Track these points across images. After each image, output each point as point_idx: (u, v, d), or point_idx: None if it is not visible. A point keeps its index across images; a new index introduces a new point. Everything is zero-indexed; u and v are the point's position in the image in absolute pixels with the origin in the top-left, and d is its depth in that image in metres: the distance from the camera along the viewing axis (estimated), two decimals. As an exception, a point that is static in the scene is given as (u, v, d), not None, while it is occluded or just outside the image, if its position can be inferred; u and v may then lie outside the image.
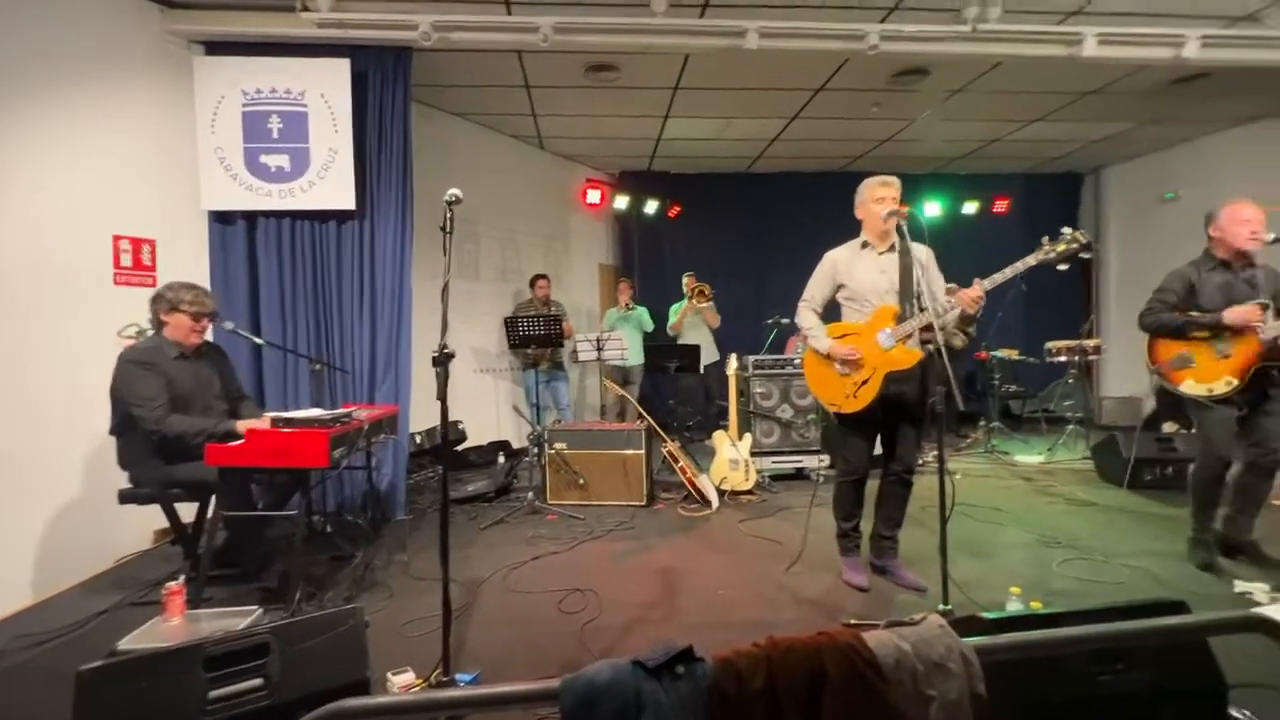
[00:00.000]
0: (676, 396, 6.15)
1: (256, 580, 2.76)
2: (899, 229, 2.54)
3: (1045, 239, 2.44)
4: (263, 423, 2.58)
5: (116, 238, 3.49)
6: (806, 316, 2.79)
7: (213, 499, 2.71)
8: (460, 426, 5.34)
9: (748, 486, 4.31)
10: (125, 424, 2.71)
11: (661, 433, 4.31)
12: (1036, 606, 2.23)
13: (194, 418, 2.70)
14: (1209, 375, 2.76)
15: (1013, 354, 5.89)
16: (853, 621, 2.36)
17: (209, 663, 1.47)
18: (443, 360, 1.79)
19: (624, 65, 4.53)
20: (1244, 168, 6.01)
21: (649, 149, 6.61)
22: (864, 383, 2.59)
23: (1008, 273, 2.43)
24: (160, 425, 2.60)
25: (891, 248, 2.70)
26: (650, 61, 4.45)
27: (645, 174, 7.37)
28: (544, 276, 5.75)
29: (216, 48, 3.78)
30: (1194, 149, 6.64)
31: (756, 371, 4.76)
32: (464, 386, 5.58)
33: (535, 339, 4.98)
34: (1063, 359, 5.57)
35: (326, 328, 3.89)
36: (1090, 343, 5.50)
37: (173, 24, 3.68)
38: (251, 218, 3.81)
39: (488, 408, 5.90)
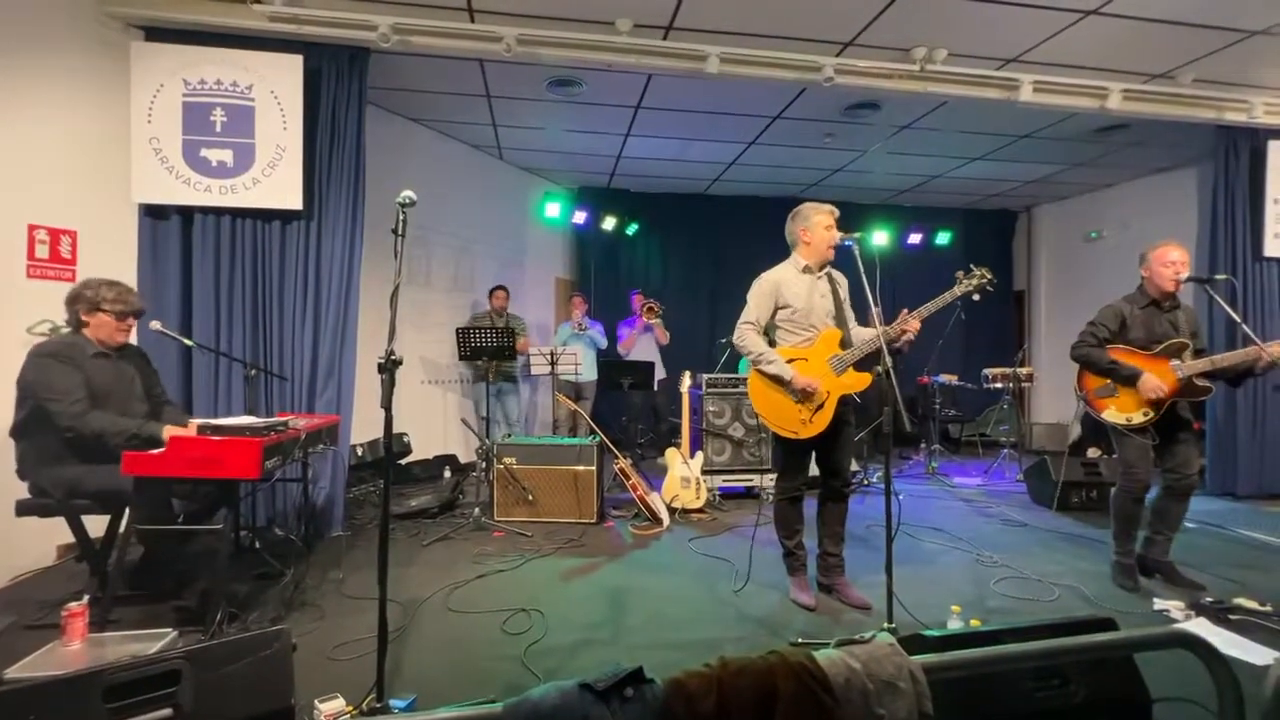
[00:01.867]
0: (627, 414, 6.12)
1: (175, 598, 2.55)
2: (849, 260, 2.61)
3: (960, 273, 2.64)
4: (189, 429, 2.40)
5: (32, 227, 3.24)
6: (754, 340, 2.76)
7: (126, 511, 2.50)
8: (405, 439, 5.16)
9: (699, 504, 4.31)
10: (30, 423, 2.48)
11: (613, 449, 4.26)
12: (976, 624, 2.29)
13: (116, 416, 2.50)
14: (1128, 406, 2.93)
15: (952, 379, 6.13)
16: (800, 641, 2.37)
17: (109, 692, 1.33)
18: (390, 367, 1.72)
19: (587, 80, 4.55)
20: (1157, 211, 6.53)
21: (609, 165, 6.64)
22: (818, 408, 2.63)
23: (932, 306, 2.61)
24: (77, 421, 2.40)
25: (825, 274, 2.78)
26: (613, 79, 4.49)
27: (605, 190, 7.40)
28: (502, 288, 5.67)
29: (157, 34, 3.59)
30: (1116, 193, 7.16)
31: (709, 390, 4.79)
32: (411, 398, 5.40)
33: (487, 351, 4.88)
34: (998, 385, 5.84)
35: (265, 332, 3.70)
36: (1024, 370, 5.79)
37: (109, 5, 3.48)
38: (188, 213, 3.61)
39: (434, 420, 5.73)
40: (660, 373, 6.13)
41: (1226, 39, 3.91)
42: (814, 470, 2.85)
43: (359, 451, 4.67)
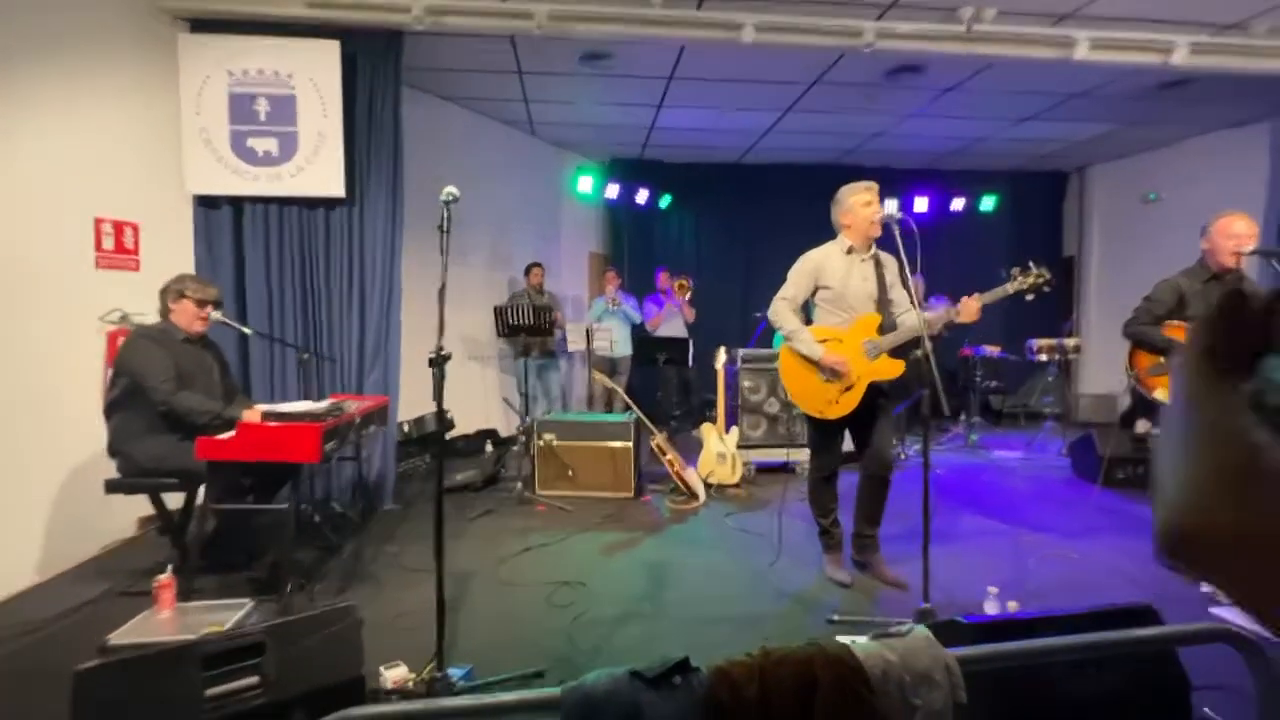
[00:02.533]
0: (661, 388, 6.18)
1: (247, 569, 2.76)
2: (886, 235, 2.58)
3: (1016, 270, 2.54)
4: (256, 414, 2.57)
5: (99, 220, 3.41)
6: (788, 317, 2.76)
7: (202, 488, 2.70)
8: (448, 416, 5.33)
9: (734, 480, 4.37)
10: (123, 400, 2.69)
11: (650, 425, 4.34)
12: (1014, 607, 2.31)
13: (203, 396, 2.71)
14: (1184, 382, 2.84)
15: (995, 350, 5.99)
16: (837, 618, 2.43)
17: (206, 661, 1.48)
18: (439, 362, 1.80)
19: (618, 54, 4.49)
20: (1225, 172, 6.13)
21: (641, 137, 6.56)
22: (847, 389, 2.63)
23: (996, 294, 2.54)
24: (171, 398, 2.61)
25: (872, 255, 2.74)
26: (645, 51, 4.41)
27: (637, 162, 7.33)
28: (538, 265, 5.73)
29: (202, 25, 3.68)
30: (1177, 151, 6.74)
31: (744, 365, 4.80)
32: (452, 374, 5.42)
33: (524, 328, 4.98)
34: (1044, 358, 5.68)
35: (314, 316, 3.85)
36: (1070, 341, 5.62)
37: None
38: (238, 203, 3.74)
39: (475, 396, 5.89)
40: (691, 346, 6.15)
41: (1308, -16, 3.62)
42: (849, 446, 2.86)
43: (404, 428, 4.85)
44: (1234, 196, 5.86)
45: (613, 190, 7.16)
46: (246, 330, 3.36)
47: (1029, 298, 2.52)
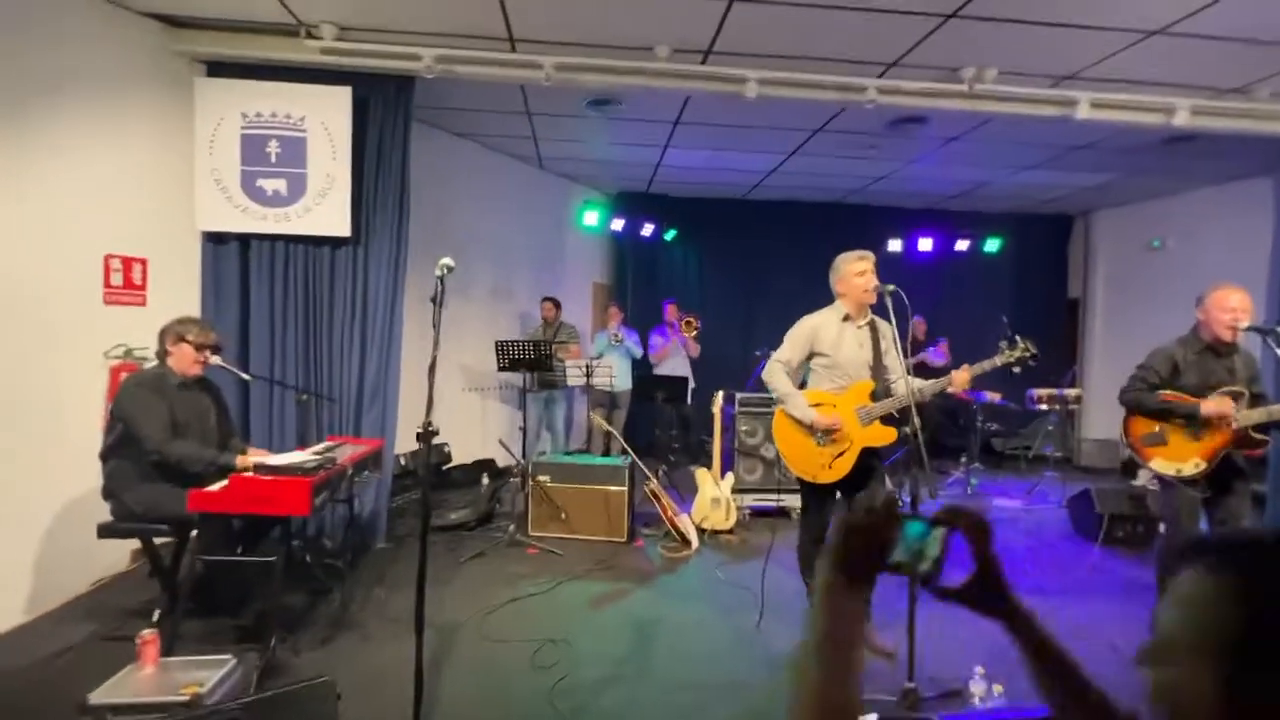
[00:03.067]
0: (659, 424, 6.18)
1: (234, 616, 2.77)
2: (880, 303, 2.61)
3: (1004, 343, 2.68)
4: (248, 464, 2.59)
5: (108, 256, 3.48)
6: (781, 380, 2.79)
7: (193, 533, 2.72)
8: (445, 449, 5.35)
9: (728, 526, 4.36)
10: (119, 446, 2.72)
11: (645, 469, 4.34)
12: (999, 690, 2.28)
13: (196, 444, 2.74)
14: (1179, 455, 2.83)
15: (996, 396, 5.97)
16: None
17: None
18: (427, 438, 1.81)
19: (626, 99, 4.57)
20: (1230, 222, 6.14)
21: (648, 173, 6.64)
22: (840, 454, 2.64)
23: (984, 366, 2.64)
24: (163, 447, 2.64)
25: (868, 322, 2.77)
26: (652, 97, 4.49)
27: (644, 195, 7.41)
28: (550, 299, 5.79)
29: (219, 69, 3.78)
30: (1181, 201, 6.76)
31: (741, 409, 4.80)
32: (451, 405, 5.59)
33: (524, 363, 5.01)
34: (1044, 407, 5.66)
35: (316, 351, 3.89)
36: (1071, 392, 5.60)
37: (175, 43, 3.67)
38: (245, 240, 3.81)
39: (474, 427, 5.92)
40: (691, 384, 6.16)
41: (1308, 54, 3.64)
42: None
43: (402, 461, 4.87)
44: (1239, 247, 5.88)
45: (618, 223, 7.23)
46: (246, 376, 3.39)
47: (1015, 370, 2.54)
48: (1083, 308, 7.96)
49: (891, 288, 2.49)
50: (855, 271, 2.70)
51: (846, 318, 2.77)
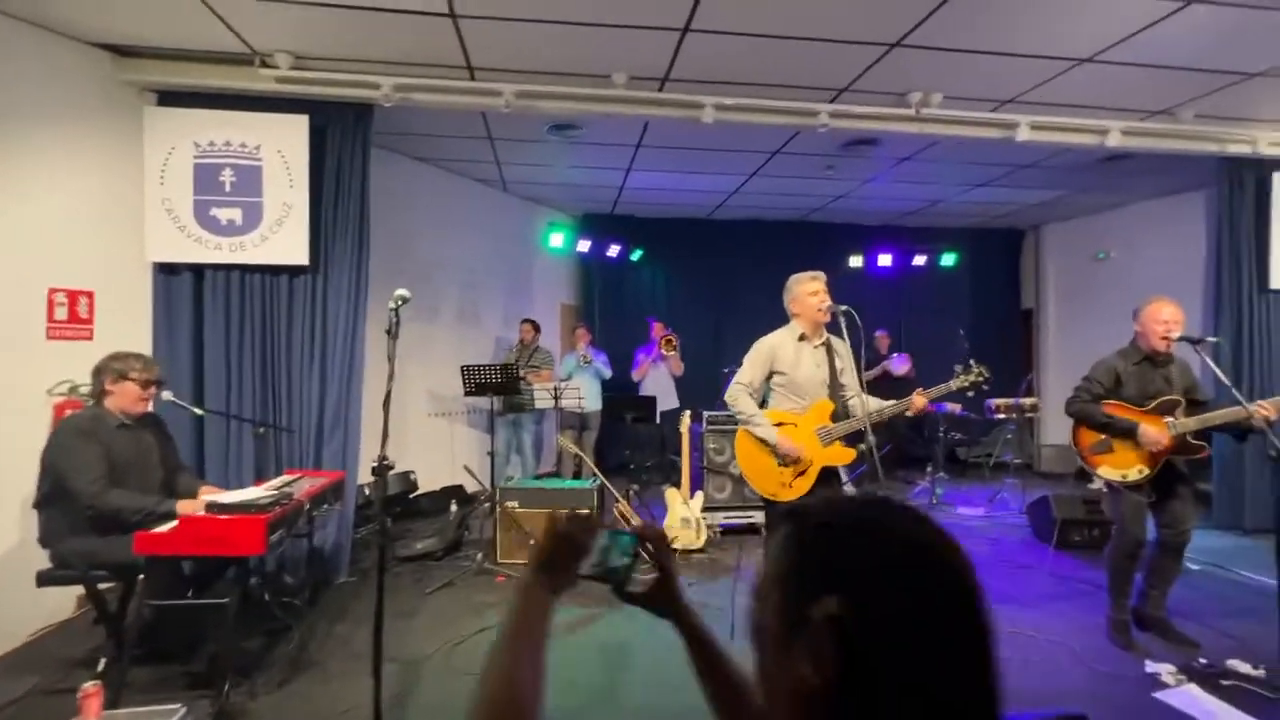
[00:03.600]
0: (632, 443, 6.18)
1: (185, 662, 2.66)
2: (834, 323, 2.68)
3: (959, 368, 2.79)
4: (199, 504, 2.51)
5: (52, 290, 3.36)
6: (746, 402, 2.84)
7: (140, 579, 2.61)
8: (411, 476, 5.26)
9: (699, 545, 4.36)
10: (53, 496, 2.60)
11: (615, 491, 4.33)
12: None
13: (133, 493, 2.62)
14: (1124, 463, 2.95)
15: (956, 408, 6.12)
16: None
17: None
18: (382, 472, 1.79)
19: (587, 124, 4.63)
20: (1167, 234, 6.49)
21: (613, 195, 6.71)
22: (800, 474, 2.68)
23: (940, 390, 2.73)
24: (97, 500, 2.52)
25: (824, 342, 2.83)
26: (613, 122, 4.55)
27: (609, 216, 7.47)
28: (529, 321, 5.79)
29: (169, 98, 3.71)
30: (1123, 214, 7.10)
31: (709, 427, 4.84)
32: (418, 431, 5.51)
33: (490, 387, 4.98)
34: (1002, 416, 5.83)
35: (274, 385, 3.80)
36: (1028, 401, 5.77)
37: (124, 73, 3.60)
38: (199, 270, 3.73)
39: (442, 453, 5.83)
40: (674, 402, 6.18)
41: (1226, 80, 3.89)
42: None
43: (366, 492, 4.76)
44: (1175, 257, 6.20)
45: (585, 244, 7.27)
46: (199, 411, 3.30)
47: (969, 394, 2.63)
48: (1036, 318, 8.25)
49: (844, 308, 2.55)
50: (808, 291, 2.77)
51: (802, 337, 2.83)
